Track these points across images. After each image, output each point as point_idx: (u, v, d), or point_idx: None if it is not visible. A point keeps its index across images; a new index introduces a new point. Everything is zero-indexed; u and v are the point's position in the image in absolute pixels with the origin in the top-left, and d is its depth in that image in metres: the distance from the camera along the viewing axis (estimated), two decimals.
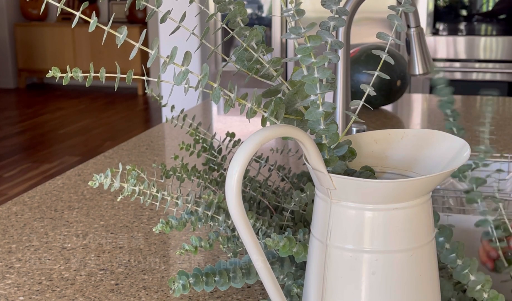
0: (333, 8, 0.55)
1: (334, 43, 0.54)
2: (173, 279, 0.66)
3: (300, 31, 0.52)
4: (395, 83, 1.75)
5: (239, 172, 0.48)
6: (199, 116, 1.78)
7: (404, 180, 0.50)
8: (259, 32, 0.58)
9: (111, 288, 0.78)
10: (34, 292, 0.78)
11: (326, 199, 0.52)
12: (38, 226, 0.97)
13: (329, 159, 0.53)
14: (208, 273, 0.68)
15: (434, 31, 3.15)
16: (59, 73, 0.55)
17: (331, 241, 0.52)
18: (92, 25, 0.54)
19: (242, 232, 0.50)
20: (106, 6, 7.00)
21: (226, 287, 0.68)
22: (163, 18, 0.57)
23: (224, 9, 0.59)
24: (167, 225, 0.69)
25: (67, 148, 4.72)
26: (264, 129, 0.48)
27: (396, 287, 0.51)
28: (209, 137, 0.87)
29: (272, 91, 0.57)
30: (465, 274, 0.60)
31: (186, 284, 0.66)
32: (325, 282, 0.53)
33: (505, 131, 1.54)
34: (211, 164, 0.86)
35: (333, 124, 0.52)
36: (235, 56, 0.59)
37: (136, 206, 1.05)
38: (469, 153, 0.53)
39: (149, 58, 0.54)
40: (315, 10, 2.38)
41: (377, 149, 0.58)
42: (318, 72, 0.51)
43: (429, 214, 0.53)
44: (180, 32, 0.61)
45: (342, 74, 1.03)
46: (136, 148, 1.42)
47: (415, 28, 1.07)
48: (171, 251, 0.89)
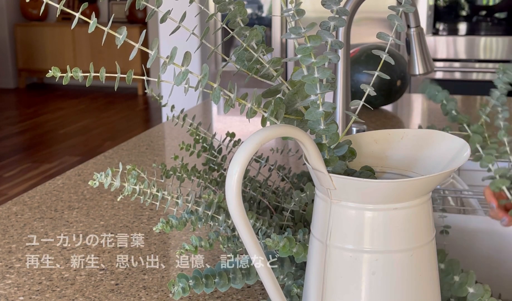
0: (333, 8, 0.55)
1: (334, 43, 0.54)
2: (173, 282, 0.66)
3: (300, 31, 0.52)
4: (395, 83, 1.75)
5: (239, 172, 0.48)
6: (199, 116, 1.78)
7: (404, 180, 0.50)
8: (259, 32, 0.58)
9: (111, 288, 0.78)
10: (34, 292, 0.78)
11: (326, 199, 0.52)
12: (38, 226, 0.97)
13: (329, 159, 0.53)
14: (207, 275, 0.68)
15: (434, 31, 3.15)
16: (59, 73, 0.55)
17: (331, 241, 0.52)
18: (92, 26, 0.54)
19: (242, 232, 0.50)
20: (106, 6, 7.00)
21: (226, 288, 0.68)
22: (163, 18, 0.57)
23: (224, 9, 0.59)
24: (167, 224, 0.69)
25: (67, 148, 4.72)
26: (264, 129, 0.48)
27: (396, 287, 0.51)
28: (209, 137, 0.87)
29: (272, 91, 0.57)
30: (463, 289, 0.61)
31: (186, 287, 0.66)
32: (325, 282, 0.53)
33: None
34: (211, 164, 0.86)
35: (333, 124, 0.52)
36: (235, 56, 0.59)
37: (136, 206, 1.05)
38: (469, 152, 0.53)
39: (149, 58, 0.54)
40: (315, 10, 2.38)
41: (377, 149, 0.58)
42: (318, 72, 0.51)
43: (429, 214, 0.53)
44: (180, 32, 0.61)
45: (342, 74, 1.03)
46: (136, 148, 1.42)
47: (415, 28, 1.07)
48: (171, 251, 0.89)
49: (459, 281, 0.61)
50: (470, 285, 0.60)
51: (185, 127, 0.87)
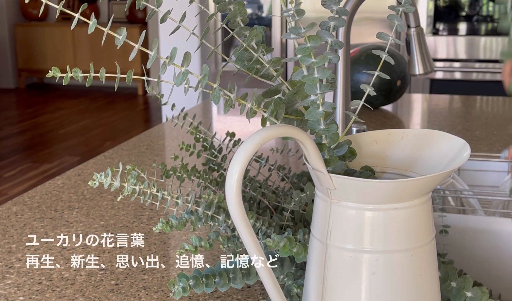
0: (333, 8, 0.55)
1: (334, 43, 0.54)
2: (173, 282, 0.66)
3: (300, 31, 0.52)
4: (395, 83, 1.75)
5: (239, 172, 0.48)
6: (199, 116, 1.78)
7: (404, 180, 0.50)
8: (259, 32, 0.58)
9: (111, 288, 0.78)
10: (34, 292, 0.78)
11: (326, 199, 0.52)
12: (38, 226, 0.97)
13: (329, 159, 0.53)
14: (208, 274, 0.68)
15: (434, 31, 3.15)
16: (59, 73, 0.55)
17: (331, 241, 0.52)
18: (91, 26, 0.54)
19: (242, 232, 0.50)
20: (106, 6, 7.00)
21: (226, 288, 0.68)
22: (163, 18, 0.57)
23: (224, 9, 0.59)
24: (167, 224, 0.69)
25: (67, 148, 4.72)
26: (264, 129, 0.48)
27: (396, 287, 0.51)
28: (209, 137, 0.87)
29: (272, 91, 0.57)
30: (461, 294, 0.61)
31: (186, 287, 0.66)
32: (325, 282, 0.53)
33: (505, 132, 1.54)
34: (211, 164, 0.86)
35: (333, 124, 0.52)
36: (235, 56, 0.59)
37: (136, 206, 1.05)
38: (469, 152, 0.53)
39: (149, 59, 0.54)
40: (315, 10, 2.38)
41: (377, 149, 0.58)
42: (318, 72, 0.51)
43: (429, 214, 0.53)
44: (180, 32, 0.61)
45: (342, 74, 1.03)
46: (136, 148, 1.42)
47: (415, 28, 1.07)
48: (171, 251, 0.89)
49: (457, 287, 0.61)
50: (467, 289, 0.61)
51: (185, 128, 0.87)
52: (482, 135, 1.50)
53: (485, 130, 1.55)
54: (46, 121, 5.55)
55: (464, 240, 0.85)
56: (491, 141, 1.44)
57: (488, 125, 1.61)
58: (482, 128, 1.57)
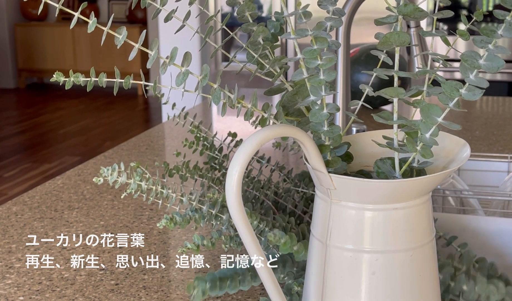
0: (329, 9, 0.55)
1: (332, 44, 0.54)
2: (193, 285, 0.65)
3: (307, 33, 0.52)
4: None
5: (239, 172, 0.48)
6: (199, 116, 1.78)
7: (404, 180, 0.50)
8: (266, 29, 0.59)
9: (111, 288, 0.78)
10: (34, 292, 0.78)
11: (326, 199, 0.52)
12: (38, 226, 0.97)
13: (332, 160, 0.53)
14: (222, 277, 0.67)
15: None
16: (63, 77, 0.55)
17: (331, 241, 0.52)
18: (91, 26, 0.54)
19: (242, 232, 0.50)
20: (106, 6, 7.00)
21: (236, 290, 0.68)
22: (167, 17, 0.57)
23: (234, 3, 0.59)
24: (171, 221, 0.69)
25: (67, 148, 4.72)
26: (264, 129, 0.49)
27: (396, 287, 0.51)
28: (210, 137, 0.87)
29: (275, 90, 0.57)
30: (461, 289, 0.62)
31: (205, 290, 0.65)
32: (325, 282, 0.53)
33: (505, 131, 1.54)
34: (213, 163, 0.86)
35: (337, 126, 0.52)
36: (249, 45, 0.59)
37: (136, 206, 1.05)
38: (469, 152, 0.53)
39: (149, 59, 0.54)
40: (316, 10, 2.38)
41: (377, 149, 0.58)
42: (324, 75, 0.51)
43: (429, 214, 0.53)
44: (180, 32, 0.61)
45: (342, 74, 1.03)
46: (136, 148, 1.42)
47: (415, 28, 1.07)
48: (171, 251, 0.89)
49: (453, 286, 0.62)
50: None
51: (185, 128, 0.87)
52: (482, 135, 1.50)
53: (485, 130, 1.55)
54: (46, 121, 5.55)
55: (464, 240, 0.84)
56: (491, 141, 1.44)
57: (488, 125, 1.61)
58: (482, 128, 1.57)
